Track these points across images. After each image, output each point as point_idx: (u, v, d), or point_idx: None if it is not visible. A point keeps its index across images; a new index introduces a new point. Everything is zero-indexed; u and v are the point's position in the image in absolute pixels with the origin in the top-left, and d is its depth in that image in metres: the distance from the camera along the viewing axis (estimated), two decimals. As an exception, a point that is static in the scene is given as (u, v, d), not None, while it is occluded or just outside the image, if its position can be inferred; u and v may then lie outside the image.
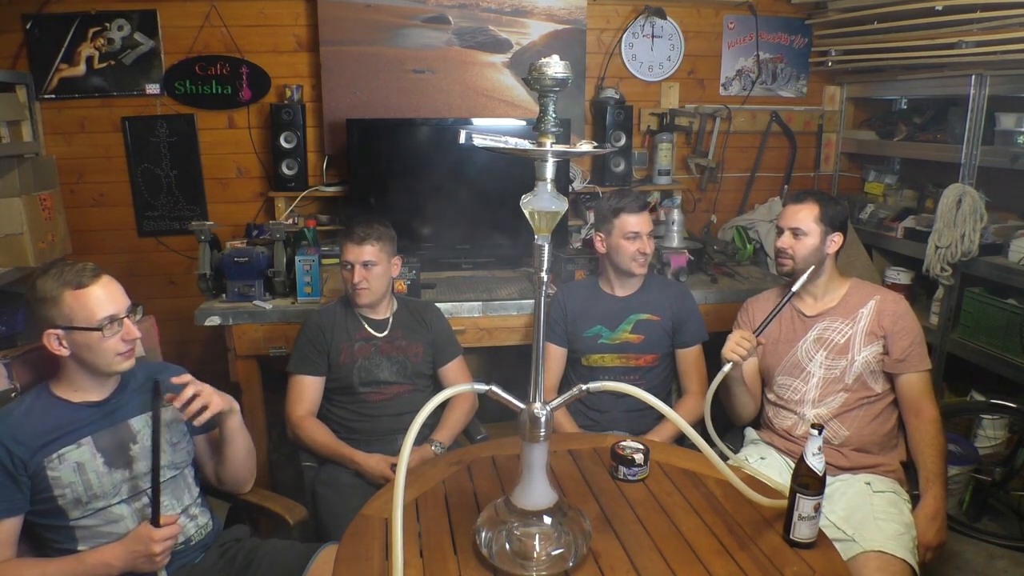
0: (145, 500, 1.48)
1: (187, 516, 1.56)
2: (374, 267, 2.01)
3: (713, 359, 2.24)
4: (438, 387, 2.16)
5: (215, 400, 1.49)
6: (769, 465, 1.89)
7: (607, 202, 2.20)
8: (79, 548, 1.42)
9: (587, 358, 2.22)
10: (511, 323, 2.56)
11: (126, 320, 1.44)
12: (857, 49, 3.18)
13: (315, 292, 2.46)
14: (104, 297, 1.41)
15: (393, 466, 1.86)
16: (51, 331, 1.39)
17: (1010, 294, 2.52)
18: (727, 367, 1.77)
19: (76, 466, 1.41)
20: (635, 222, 2.13)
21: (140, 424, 1.52)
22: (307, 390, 2.05)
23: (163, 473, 1.51)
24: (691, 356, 2.21)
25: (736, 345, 1.79)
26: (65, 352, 1.40)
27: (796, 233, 1.90)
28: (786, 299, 1.83)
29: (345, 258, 2.02)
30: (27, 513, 1.39)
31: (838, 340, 1.91)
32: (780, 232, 1.95)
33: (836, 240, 1.92)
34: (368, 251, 2.00)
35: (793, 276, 1.92)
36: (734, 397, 1.98)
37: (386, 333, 2.11)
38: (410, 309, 2.19)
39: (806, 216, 1.90)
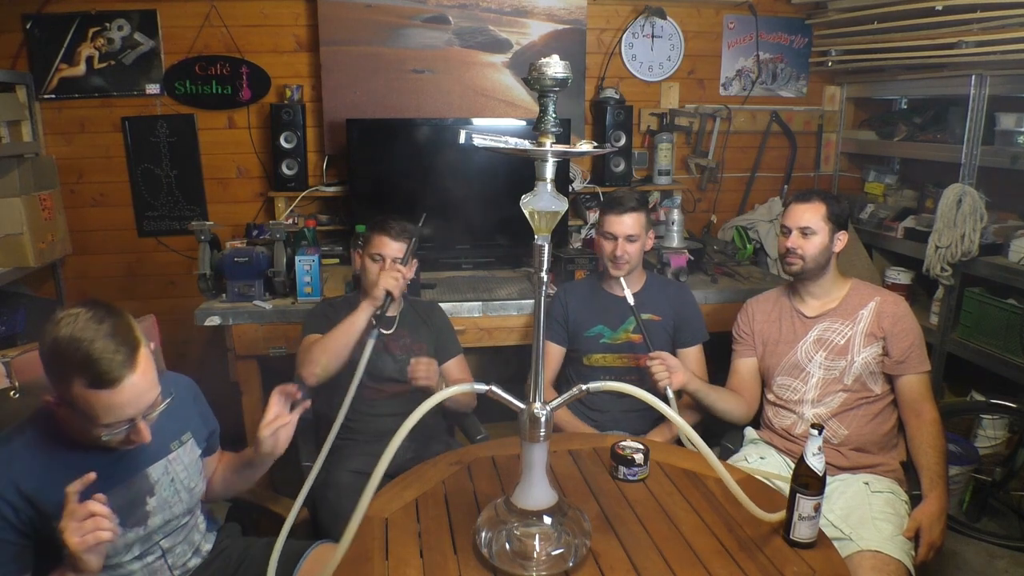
0: (158, 553, 1.37)
1: (197, 556, 1.48)
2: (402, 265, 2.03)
3: (714, 359, 2.24)
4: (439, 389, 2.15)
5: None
6: (768, 464, 1.89)
7: (607, 198, 2.22)
8: None
9: (588, 358, 2.22)
10: (511, 323, 2.56)
11: (141, 424, 1.20)
12: (857, 49, 3.18)
13: (315, 292, 2.46)
14: (121, 403, 1.15)
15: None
16: (56, 401, 1.18)
17: (1010, 294, 2.52)
18: (669, 394, 1.91)
19: None
20: (612, 223, 2.12)
21: (159, 472, 1.35)
22: None
23: (178, 521, 1.40)
24: (692, 355, 2.21)
25: (660, 373, 1.93)
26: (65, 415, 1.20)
27: (805, 232, 1.89)
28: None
29: (377, 250, 2.01)
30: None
31: (838, 341, 1.91)
32: (787, 231, 1.93)
33: (842, 239, 1.92)
34: (402, 248, 2.01)
35: (803, 275, 1.92)
36: (710, 409, 2.02)
37: (392, 331, 2.11)
38: (416, 309, 2.19)
39: (814, 215, 1.89)
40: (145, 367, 1.18)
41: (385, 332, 2.10)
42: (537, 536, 1.26)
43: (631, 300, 2.03)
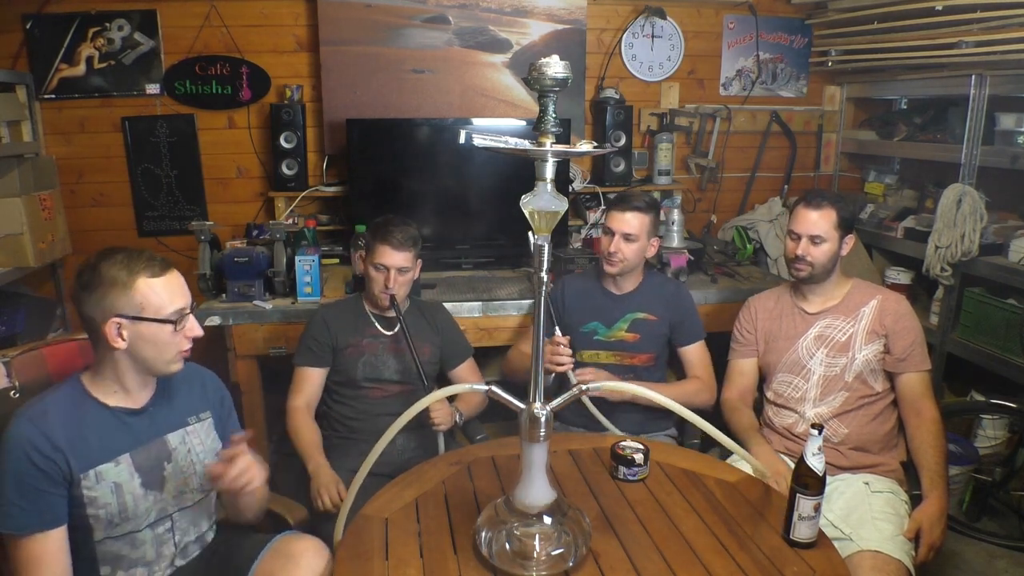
0: (168, 525, 1.40)
1: (199, 543, 1.48)
2: (407, 273, 2.02)
3: (714, 359, 2.24)
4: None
5: (259, 476, 1.34)
6: (769, 465, 1.89)
7: (617, 195, 2.22)
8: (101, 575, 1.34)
9: (581, 355, 2.21)
10: (511, 323, 2.56)
11: (191, 316, 1.34)
12: (857, 49, 3.18)
13: (315, 292, 2.46)
14: (177, 288, 1.33)
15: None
16: (115, 319, 1.26)
17: (1010, 294, 2.52)
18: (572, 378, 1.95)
19: (114, 486, 1.30)
20: (614, 218, 2.11)
21: (176, 440, 1.42)
22: (306, 381, 2.05)
23: (192, 496, 1.43)
24: (695, 352, 2.19)
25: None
26: (122, 344, 1.27)
27: (815, 240, 1.88)
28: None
29: (380, 260, 1.99)
30: None
31: (839, 338, 1.91)
32: (796, 237, 1.91)
33: (849, 242, 1.92)
34: (406, 258, 2.00)
35: (811, 280, 1.92)
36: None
37: (395, 331, 2.10)
38: (420, 309, 2.19)
39: (825, 222, 1.87)
40: (179, 274, 1.36)
41: (388, 333, 2.10)
42: (537, 536, 1.26)
43: (546, 276, 2.02)
